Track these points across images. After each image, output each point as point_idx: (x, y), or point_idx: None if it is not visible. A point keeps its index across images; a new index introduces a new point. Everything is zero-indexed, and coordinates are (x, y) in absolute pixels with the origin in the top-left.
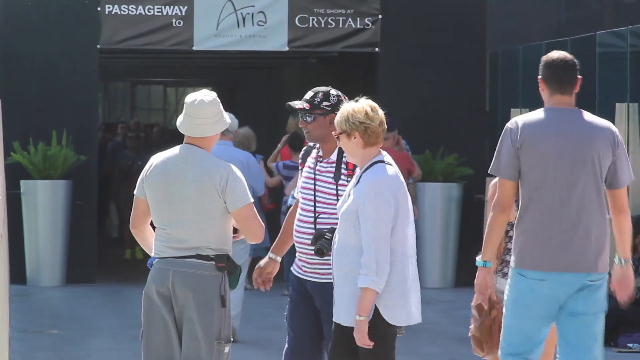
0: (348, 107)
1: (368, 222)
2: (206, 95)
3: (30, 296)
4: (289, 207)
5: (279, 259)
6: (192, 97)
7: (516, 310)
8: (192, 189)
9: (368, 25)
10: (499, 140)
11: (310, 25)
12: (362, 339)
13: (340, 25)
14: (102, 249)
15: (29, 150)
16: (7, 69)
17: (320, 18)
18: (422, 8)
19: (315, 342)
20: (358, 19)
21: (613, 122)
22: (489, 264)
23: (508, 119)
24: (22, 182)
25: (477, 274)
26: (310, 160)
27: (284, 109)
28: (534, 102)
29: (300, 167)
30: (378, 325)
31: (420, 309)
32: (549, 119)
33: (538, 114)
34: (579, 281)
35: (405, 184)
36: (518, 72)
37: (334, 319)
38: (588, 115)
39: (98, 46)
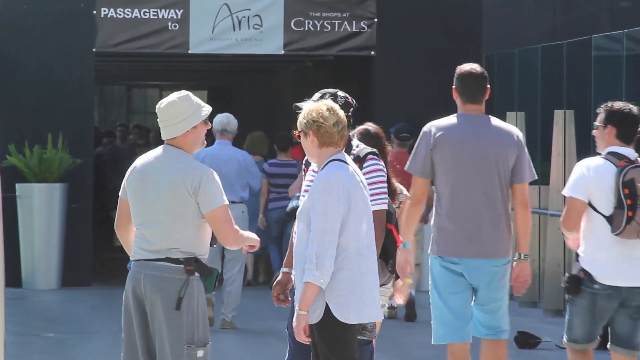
0: (307, 106)
1: (315, 217)
2: (171, 96)
3: (26, 299)
4: (294, 208)
5: (293, 272)
6: (160, 101)
7: (439, 292)
8: (165, 190)
9: (364, 28)
10: (417, 142)
11: (306, 28)
12: (298, 334)
13: (336, 29)
14: (103, 254)
15: (25, 154)
16: (3, 72)
17: (316, 21)
18: (418, 11)
19: None
20: (354, 22)
21: None
22: (407, 245)
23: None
24: (17, 185)
25: (397, 254)
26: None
27: (280, 112)
28: (530, 105)
29: (303, 172)
30: (331, 323)
31: (379, 307)
32: (460, 124)
33: (451, 119)
34: (487, 266)
35: (362, 184)
36: (514, 75)
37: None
38: (495, 121)
39: (94, 50)
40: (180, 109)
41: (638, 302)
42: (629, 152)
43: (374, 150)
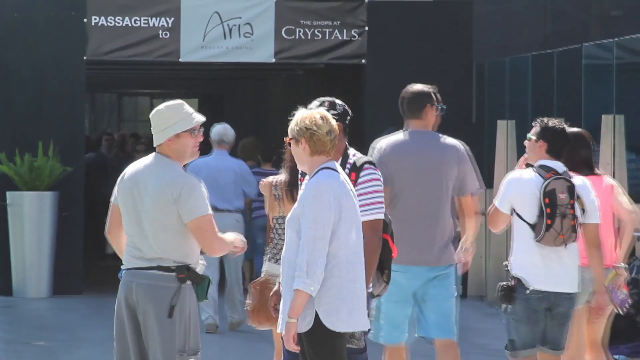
0: (299, 113)
1: (305, 224)
2: (163, 104)
3: (17, 307)
4: None
5: (280, 279)
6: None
7: (380, 297)
8: (150, 199)
9: (354, 37)
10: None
11: (297, 37)
12: (288, 342)
13: (327, 37)
14: (95, 261)
15: (15, 162)
16: None
17: (307, 30)
18: (408, 20)
19: None
20: (344, 30)
21: (599, 133)
22: None
23: (495, 131)
24: (8, 193)
25: None
26: None
27: (270, 119)
28: (521, 114)
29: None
30: (320, 331)
31: (366, 316)
32: (405, 139)
33: (397, 135)
34: (427, 273)
35: (352, 192)
36: (505, 83)
37: (278, 330)
38: (438, 136)
39: (85, 58)
40: (165, 117)
41: (564, 308)
42: (557, 165)
43: (371, 159)
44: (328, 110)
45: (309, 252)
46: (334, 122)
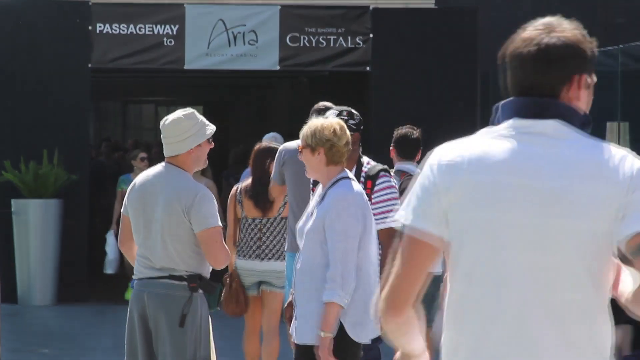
0: (317, 122)
1: (335, 237)
2: (176, 113)
3: (22, 315)
4: None
5: (296, 289)
6: (165, 117)
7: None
8: (161, 210)
9: (359, 44)
10: (275, 159)
11: (302, 44)
12: (325, 357)
13: (332, 45)
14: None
15: (20, 169)
16: None
17: (311, 37)
18: (413, 27)
19: None
20: (349, 38)
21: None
22: None
23: None
24: (13, 201)
25: None
26: None
27: (275, 127)
28: None
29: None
30: (344, 343)
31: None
32: None
33: (298, 142)
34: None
35: (367, 202)
36: None
37: (296, 341)
38: None
39: (89, 65)
40: (185, 127)
41: (432, 289)
42: (409, 167)
43: (385, 167)
44: (347, 121)
45: (342, 265)
46: (349, 133)
